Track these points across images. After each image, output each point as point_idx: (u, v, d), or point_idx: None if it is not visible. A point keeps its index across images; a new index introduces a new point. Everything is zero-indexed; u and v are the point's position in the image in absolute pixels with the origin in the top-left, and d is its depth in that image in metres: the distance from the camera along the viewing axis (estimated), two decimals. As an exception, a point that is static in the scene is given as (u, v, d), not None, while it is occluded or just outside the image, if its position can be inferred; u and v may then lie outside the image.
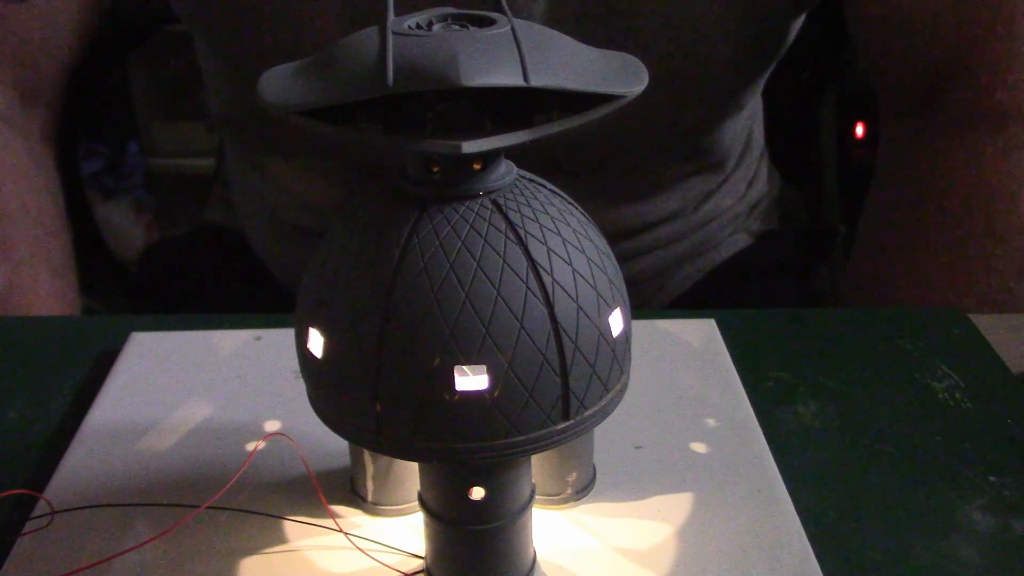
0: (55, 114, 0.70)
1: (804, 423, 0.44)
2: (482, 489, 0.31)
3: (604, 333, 0.29)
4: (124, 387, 0.45)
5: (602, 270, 0.30)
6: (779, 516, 0.37)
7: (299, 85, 0.27)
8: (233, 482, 0.38)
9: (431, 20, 0.29)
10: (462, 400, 0.28)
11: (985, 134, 0.59)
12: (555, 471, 0.37)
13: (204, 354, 0.48)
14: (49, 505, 0.37)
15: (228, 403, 0.44)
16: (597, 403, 0.30)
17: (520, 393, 0.28)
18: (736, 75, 0.63)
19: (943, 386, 0.46)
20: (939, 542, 0.37)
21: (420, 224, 0.28)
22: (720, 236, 0.74)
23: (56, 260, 0.66)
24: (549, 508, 0.38)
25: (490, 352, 0.27)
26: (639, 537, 0.36)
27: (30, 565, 0.35)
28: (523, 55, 0.26)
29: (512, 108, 0.27)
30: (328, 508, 0.37)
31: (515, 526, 0.32)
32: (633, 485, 0.39)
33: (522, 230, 0.28)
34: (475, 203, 0.29)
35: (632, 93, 0.27)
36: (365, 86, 0.26)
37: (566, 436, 0.29)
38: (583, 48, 0.29)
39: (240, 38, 0.62)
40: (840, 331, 0.51)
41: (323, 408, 0.31)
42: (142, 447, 0.41)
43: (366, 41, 0.27)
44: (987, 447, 0.42)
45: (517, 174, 0.30)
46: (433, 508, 0.32)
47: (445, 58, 0.25)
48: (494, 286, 0.28)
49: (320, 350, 0.29)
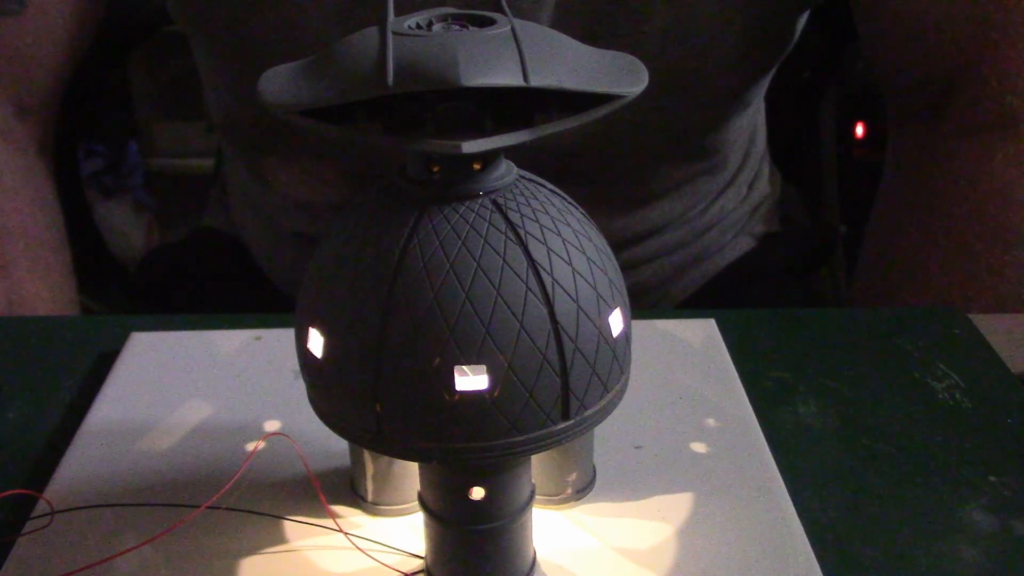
0: (51, 125, 0.69)
1: (804, 423, 0.44)
2: (482, 489, 0.31)
3: (604, 333, 0.29)
4: (124, 387, 0.45)
5: (602, 270, 0.30)
6: (779, 516, 0.37)
7: (299, 85, 0.27)
8: (233, 482, 0.38)
9: (431, 20, 0.29)
10: (462, 400, 0.28)
11: (995, 139, 0.59)
12: (555, 471, 0.37)
13: (204, 354, 0.48)
14: (49, 505, 0.37)
15: (228, 403, 0.44)
16: (597, 403, 0.30)
17: (520, 393, 0.28)
18: (743, 73, 0.63)
19: (943, 386, 0.46)
20: (939, 542, 0.37)
21: (420, 224, 0.28)
22: (723, 240, 0.73)
23: (55, 275, 0.66)
24: (549, 508, 0.38)
25: (490, 352, 0.27)
26: (639, 537, 0.36)
27: (30, 565, 0.35)
28: (523, 55, 0.26)
29: (512, 108, 0.27)
30: (328, 508, 0.37)
31: (515, 526, 0.32)
32: (633, 485, 0.39)
33: (522, 230, 0.28)
34: (475, 203, 0.29)
35: (632, 93, 0.27)
36: (365, 86, 0.26)
37: (566, 436, 0.29)
38: (583, 48, 0.29)
39: (239, 40, 0.62)
40: (840, 331, 0.51)
41: (323, 408, 0.31)
42: (142, 447, 0.41)
43: (366, 41, 0.27)
44: (987, 447, 0.42)
45: (517, 174, 0.30)
46: (433, 508, 0.32)
47: (445, 58, 0.25)
48: (494, 286, 0.27)
49: (320, 350, 0.29)
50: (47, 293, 0.64)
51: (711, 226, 0.72)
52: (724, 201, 0.73)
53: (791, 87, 0.74)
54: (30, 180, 0.67)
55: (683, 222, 0.70)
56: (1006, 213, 0.58)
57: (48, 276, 0.65)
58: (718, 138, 0.68)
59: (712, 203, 0.72)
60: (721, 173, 0.71)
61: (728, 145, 0.69)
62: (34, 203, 0.66)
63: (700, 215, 0.71)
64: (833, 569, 0.35)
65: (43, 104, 0.68)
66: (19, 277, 0.63)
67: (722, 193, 0.72)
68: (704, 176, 0.70)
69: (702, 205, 0.71)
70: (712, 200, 0.72)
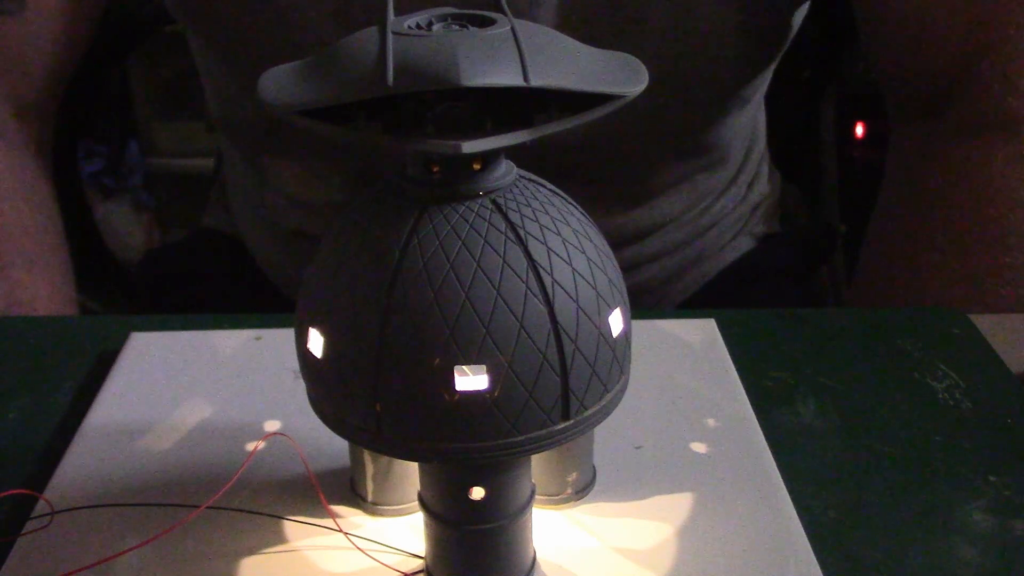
0: (50, 124, 0.69)
1: (804, 423, 0.44)
2: (482, 489, 0.31)
3: (604, 333, 0.29)
4: (124, 387, 0.45)
5: (602, 270, 0.30)
6: (779, 516, 0.37)
7: (299, 85, 0.27)
8: (233, 482, 0.38)
9: (431, 20, 0.29)
10: (462, 400, 0.28)
11: (996, 141, 0.59)
12: (555, 471, 0.37)
13: (204, 354, 0.48)
14: (49, 505, 0.37)
15: (228, 403, 0.44)
16: (597, 403, 0.30)
17: (520, 393, 0.28)
18: (742, 69, 0.63)
19: (943, 386, 0.46)
20: (939, 542, 0.37)
21: (420, 224, 0.28)
22: (723, 240, 0.73)
23: (55, 275, 0.66)
24: (549, 508, 0.38)
25: (490, 352, 0.27)
26: (639, 537, 0.36)
27: (30, 565, 0.35)
28: (523, 55, 0.26)
29: (512, 108, 0.27)
30: (328, 508, 0.37)
31: (515, 526, 0.32)
32: (633, 485, 0.39)
33: (522, 230, 0.28)
34: (475, 203, 0.29)
35: (632, 93, 0.27)
36: (365, 86, 0.26)
37: (566, 436, 0.29)
38: (583, 48, 0.29)
39: (240, 39, 0.62)
40: (840, 331, 0.51)
41: (323, 408, 0.31)
42: (142, 447, 0.41)
43: (366, 41, 0.27)
44: (987, 447, 0.42)
45: (517, 174, 0.30)
46: (433, 508, 0.32)
47: (445, 58, 0.25)
48: (494, 286, 0.27)
49: (320, 350, 0.29)
50: (46, 293, 0.64)
51: (712, 225, 0.72)
52: (725, 200, 0.73)
53: (791, 87, 0.74)
54: (27, 180, 0.67)
55: (684, 221, 0.70)
56: (1007, 215, 0.57)
57: (47, 276, 0.65)
58: (718, 135, 0.68)
59: (713, 202, 0.72)
60: (722, 171, 0.71)
61: (728, 143, 0.69)
62: (31, 203, 0.66)
63: (701, 214, 0.71)
64: (833, 569, 0.35)
65: (41, 103, 0.68)
66: (18, 278, 0.63)
67: (723, 192, 0.72)
68: (704, 173, 0.70)
69: (703, 204, 0.71)
70: (713, 199, 0.72)
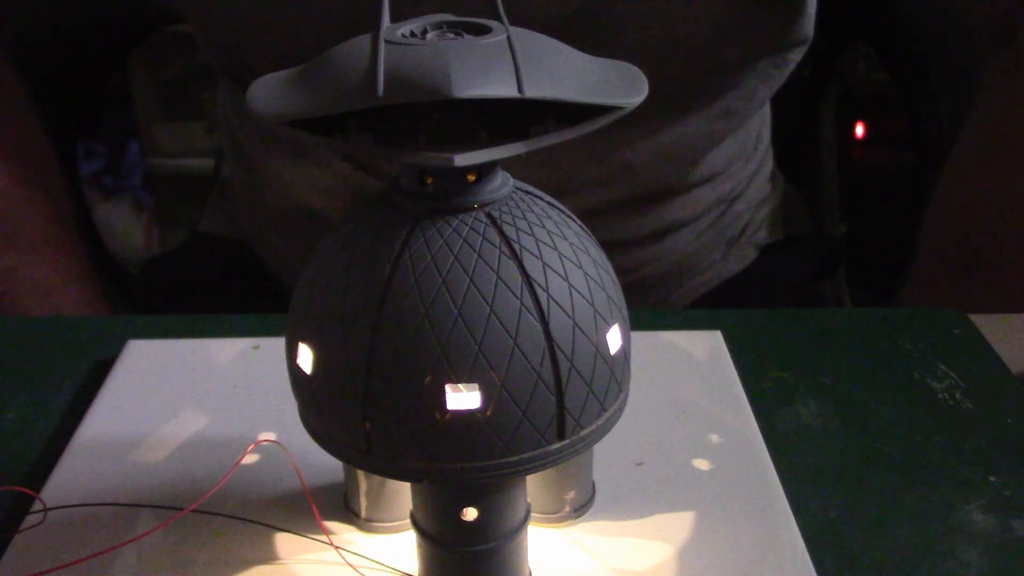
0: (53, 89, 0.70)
1: (804, 423, 0.44)
2: (475, 510, 0.30)
3: (601, 351, 0.28)
4: (120, 395, 0.45)
5: (600, 286, 0.29)
6: (783, 536, 0.36)
7: (289, 94, 0.27)
8: (223, 483, 0.37)
9: (425, 27, 0.28)
10: (454, 419, 0.27)
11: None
12: (552, 488, 0.36)
13: (201, 363, 0.47)
14: (42, 503, 0.37)
15: (224, 413, 0.43)
16: (594, 422, 0.29)
17: (513, 412, 0.27)
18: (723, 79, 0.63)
19: (943, 386, 0.46)
20: (939, 542, 0.37)
21: (412, 237, 0.28)
22: (728, 247, 0.72)
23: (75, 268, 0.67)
24: (546, 526, 0.37)
25: (482, 370, 0.27)
26: (639, 557, 0.35)
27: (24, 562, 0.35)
28: (518, 65, 0.25)
29: (508, 118, 0.27)
30: (321, 523, 0.37)
31: (509, 547, 0.31)
32: (634, 503, 0.38)
33: (517, 244, 0.28)
34: (469, 216, 0.28)
35: (631, 104, 0.27)
36: (355, 96, 0.25)
37: (561, 456, 0.29)
38: (581, 57, 0.28)
39: (241, 42, 0.62)
40: (840, 331, 0.51)
41: (313, 425, 0.30)
42: (137, 457, 0.41)
43: (358, 50, 0.26)
44: (987, 447, 0.42)
45: (513, 186, 0.30)
46: (425, 528, 0.31)
47: (437, 68, 0.25)
48: (487, 302, 0.27)
49: (310, 366, 0.29)
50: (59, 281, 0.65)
51: (737, 195, 0.71)
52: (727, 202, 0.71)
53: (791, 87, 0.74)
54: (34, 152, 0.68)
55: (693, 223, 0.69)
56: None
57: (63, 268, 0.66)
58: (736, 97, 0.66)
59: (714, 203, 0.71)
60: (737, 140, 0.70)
61: (746, 110, 0.68)
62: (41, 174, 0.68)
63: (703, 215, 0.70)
64: (833, 569, 0.35)
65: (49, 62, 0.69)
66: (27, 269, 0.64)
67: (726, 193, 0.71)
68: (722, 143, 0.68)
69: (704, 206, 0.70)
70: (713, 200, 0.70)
